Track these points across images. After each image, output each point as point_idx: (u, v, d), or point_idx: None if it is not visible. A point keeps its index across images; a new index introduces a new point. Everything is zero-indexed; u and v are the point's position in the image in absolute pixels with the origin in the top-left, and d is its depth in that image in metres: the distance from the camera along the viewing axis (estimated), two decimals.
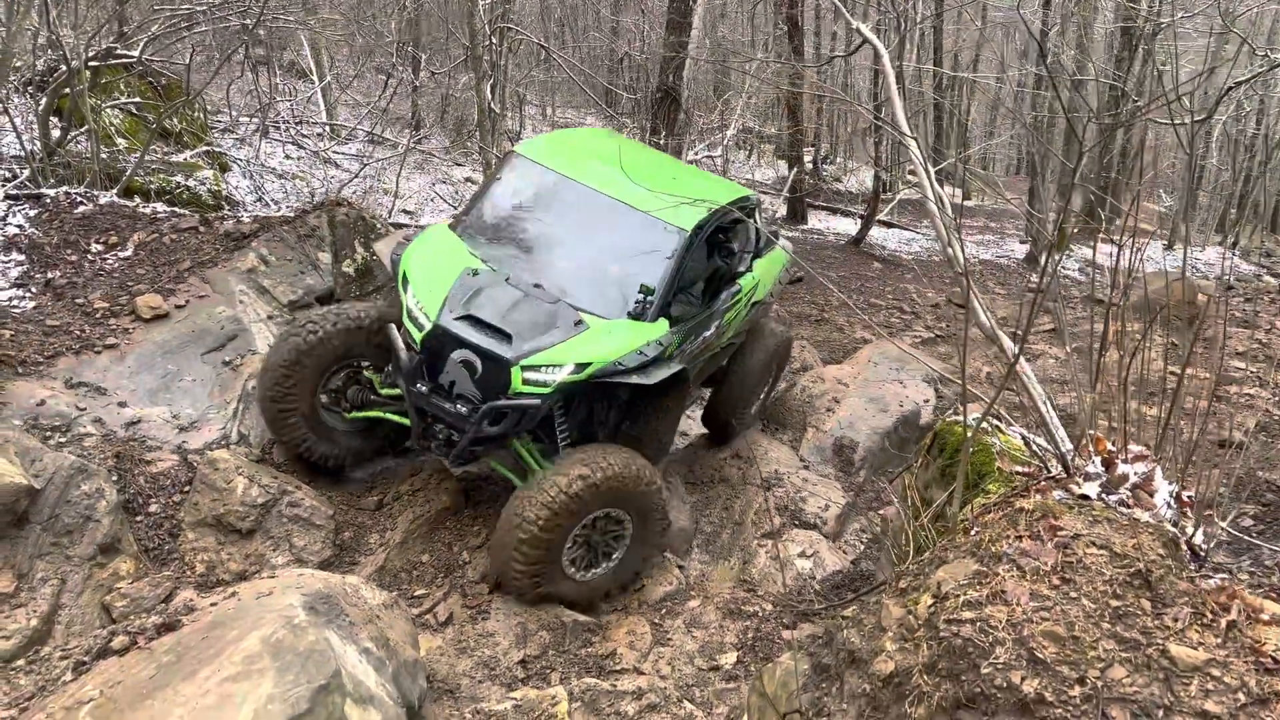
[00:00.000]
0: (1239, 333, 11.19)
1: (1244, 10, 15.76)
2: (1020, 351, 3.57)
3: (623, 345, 4.94)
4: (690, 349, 5.58)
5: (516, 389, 4.81)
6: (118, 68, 8.86)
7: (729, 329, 6.19)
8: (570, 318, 5.02)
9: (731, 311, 6.05)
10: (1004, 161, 33.89)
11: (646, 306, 5.14)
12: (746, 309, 6.40)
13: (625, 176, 5.65)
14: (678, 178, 6.26)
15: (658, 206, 5.39)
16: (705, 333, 5.74)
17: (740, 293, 6.12)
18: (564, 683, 4.45)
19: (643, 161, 6.42)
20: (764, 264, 6.66)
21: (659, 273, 5.28)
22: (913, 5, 12.10)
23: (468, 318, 4.96)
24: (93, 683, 2.85)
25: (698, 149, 14.60)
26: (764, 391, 7.36)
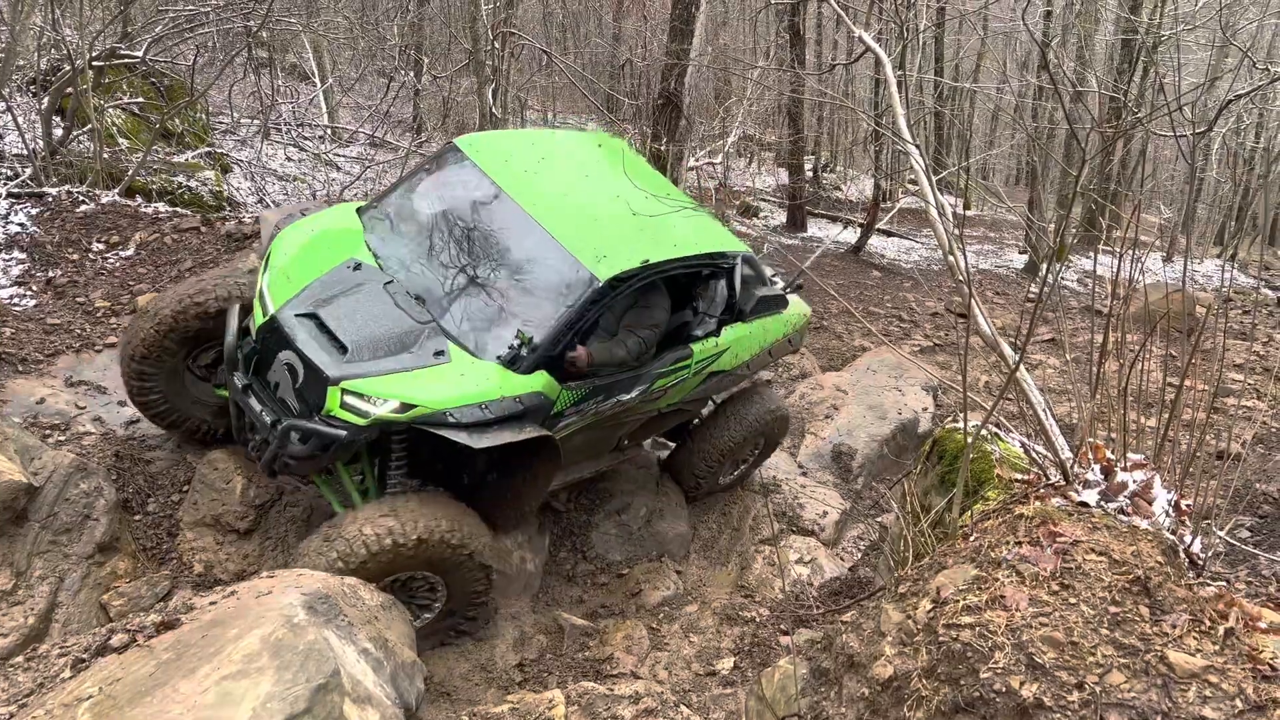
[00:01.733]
0: (1237, 345, 11.22)
1: (1245, 24, 15.84)
2: (1020, 360, 3.58)
3: (465, 394, 4.17)
4: (594, 408, 4.85)
5: (331, 411, 4.12)
6: (121, 68, 8.88)
7: (665, 396, 5.38)
8: (434, 346, 4.35)
9: (670, 378, 5.21)
10: (1004, 171, 33.96)
11: (519, 356, 4.31)
12: (699, 378, 5.50)
13: (571, 197, 5.04)
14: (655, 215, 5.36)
15: (586, 240, 4.69)
16: (623, 395, 4.95)
17: (689, 359, 5.26)
18: (561, 686, 4.44)
19: (621, 184, 5.45)
20: (745, 331, 5.64)
21: (550, 321, 4.43)
22: (915, 14, 12.13)
23: (312, 316, 4.36)
24: (92, 680, 2.85)
25: (699, 155, 14.63)
26: (737, 464, 6.50)
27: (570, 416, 4.72)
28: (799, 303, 6.32)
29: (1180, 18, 14.39)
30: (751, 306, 5.61)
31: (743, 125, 16.69)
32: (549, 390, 4.41)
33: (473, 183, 5.05)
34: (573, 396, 4.63)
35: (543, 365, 4.38)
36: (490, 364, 4.32)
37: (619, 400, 4.94)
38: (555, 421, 4.61)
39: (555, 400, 4.50)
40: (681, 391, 5.49)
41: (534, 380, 4.35)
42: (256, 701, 2.63)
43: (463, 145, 5.24)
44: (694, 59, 11.79)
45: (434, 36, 16.40)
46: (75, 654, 3.04)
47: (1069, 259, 15.18)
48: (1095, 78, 15.58)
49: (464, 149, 5.19)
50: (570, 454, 4.96)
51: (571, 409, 4.68)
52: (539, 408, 4.40)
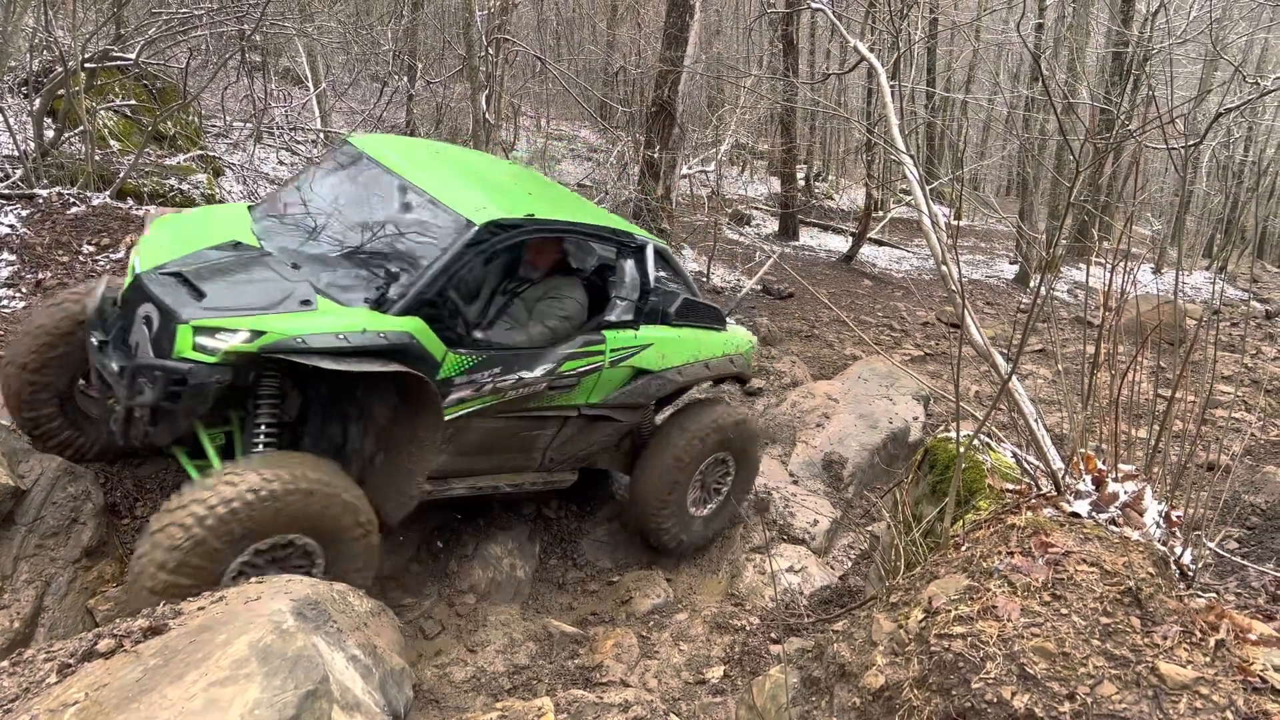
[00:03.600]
0: (1226, 357, 11.27)
1: (1235, 38, 15.96)
2: (1013, 370, 3.59)
3: (321, 326, 3.95)
4: (491, 382, 4.59)
5: (181, 352, 3.84)
6: (113, 70, 8.85)
7: (581, 388, 5.08)
8: (301, 297, 4.11)
9: (581, 362, 4.96)
10: (995, 182, 34.14)
11: (386, 296, 4.16)
12: (622, 374, 5.24)
13: (458, 172, 4.97)
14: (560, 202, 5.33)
15: (467, 196, 4.58)
16: (525, 372, 4.70)
17: (602, 345, 5.03)
18: (550, 694, 4.43)
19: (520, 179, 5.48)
20: (672, 333, 5.44)
21: (423, 264, 4.30)
22: (908, 25, 12.20)
23: (177, 275, 4.12)
24: (78, 685, 2.82)
25: (692, 163, 14.66)
26: (708, 490, 6.02)
27: (463, 388, 4.47)
28: (743, 330, 6.25)
29: (1171, 31, 14.49)
30: (677, 309, 5.46)
31: (736, 134, 16.75)
32: (424, 338, 4.18)
33: (360, 166, 5.03)
34: (463, 362, 4.41)
35: (423, 316, 4.19)
36: (358, 308, 4.14)
37: (521, 378, 4.69)
38: (445, 389, 4.39)
39: (440, 361, 4.30)
40: (603, 388, 5.20)
41: (404, 322, 4.12)
42: (244, 708, 2.61)
43: (354, 139, 5.26)
44: (688, 67, 11.82)
45: (428, 42, 16.41)
46: (61, 659, 3.01)
47: (1060, 270, 15.26)
48: (1087, 90, 15.68)
49: (354, 142, 5.21)
50: (475, 449, 4.79)
51: (462, 378, 4.44)
52: (413, 353, 4.14)
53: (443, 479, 4.77)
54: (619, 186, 12.33)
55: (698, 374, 5.70)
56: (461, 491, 4.90)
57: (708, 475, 5.91)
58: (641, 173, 12.10)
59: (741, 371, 6.11)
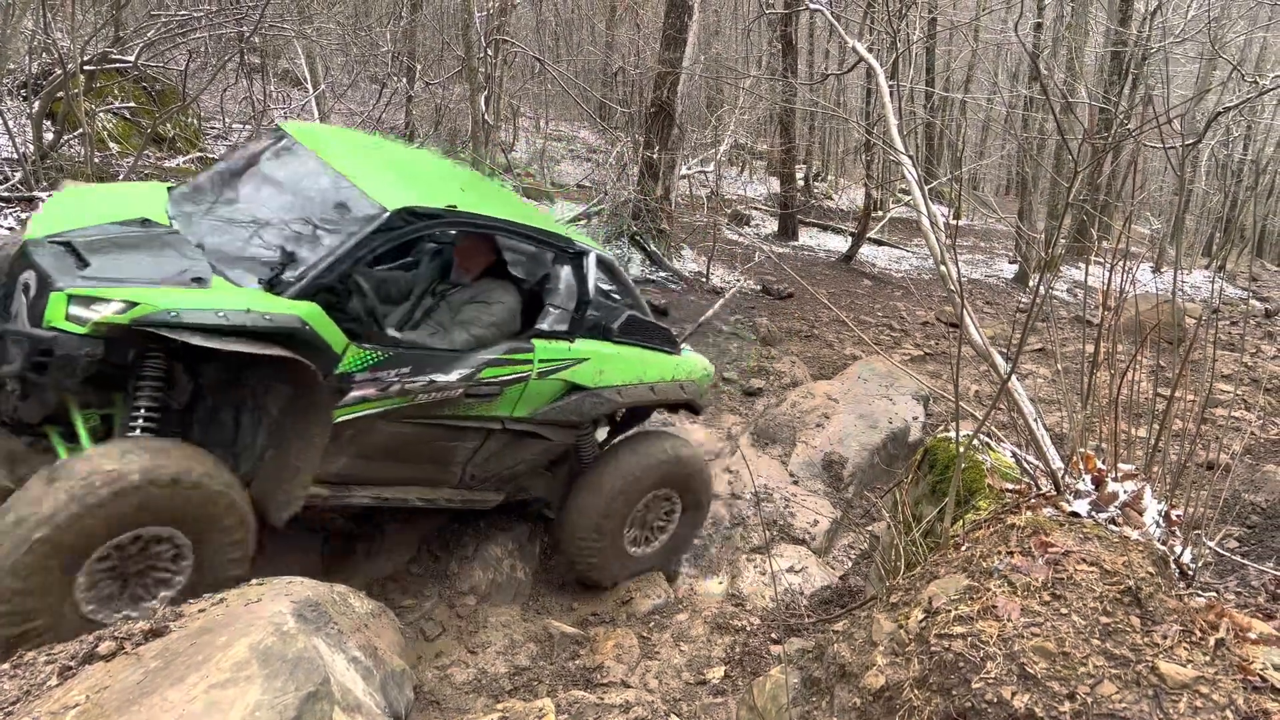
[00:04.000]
0: (1225, 356, 11.28)
1: (1233, 37, 15.97)
2: (1013, 370, 3.59)
3: (201, 302, 3.70)
4: (399, 383, 4.24)
5: (52, 322, 3.59)
6: (112, 72, 8.87)
7: (504, 399, 4.68)
8: (195, 274, 3.89)
9: (505, 371, 4.59)
10: (994, 182, 34.16)
11: (280, 278, 3.91)
12: (553, 388, 4.85)
13: (384, 161, 4.77)
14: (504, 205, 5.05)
15: (386, 183, 4.38)
16: (438, 375, 4.36)
17: (530, 354, 4.68)
18: (551, 695, 4.43)
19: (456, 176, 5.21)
20: (614, 350, 5.07)
21: (326, 247, 4.05)
22: (907, 25, 12.21)
23: (65, 244, 3.91)
24: (79, 688, 2.82)
25: (691, 164, 14.67)
26: (649, 528, 5.59)
27: (365, 385, 4.13)
28: (699, 357, 5.85)
29: (1170, 31, 14.51)
30: (621, 325, 5.09)
31: (735, 134, 16.76)
32: (319, 326, 3.86)
33: (286, 151, 4.82)
34: (367, 357, 4.09)
35: (322, 302, 3.90)
36: (251, 289, 3.88)
37: (433, 381, 4.33)
38: (345, 385, 4.06)
39: (340, 354, 3.99)
40: (531, 401, 4.80)
41: (296, 306, 3.82)
42: (245, 710, 2.61)
43: (284, 125, 5.02)
44: (687, 68, 11.84)
45: (427, 43, 16.43)
46: (63, 661, 3.02)
47: (1059, 269, 15.27)
48: (1085, 89, 15.69)
49: (284, 126, 4.99)
50: (381, 455, 4.46)
51: (365, 374, 4.11)
52: (303, 340, 3.81)
53: (343, 484, 4.43)
54: (618, 187, 12.34)
55: (640, 396, 5.28)
56: (365, 501, 4.57)
57: (649, 513, 5.49)
58: (641, 173, 12.12)
59: (693, 399, 5.66)
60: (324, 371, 3.92)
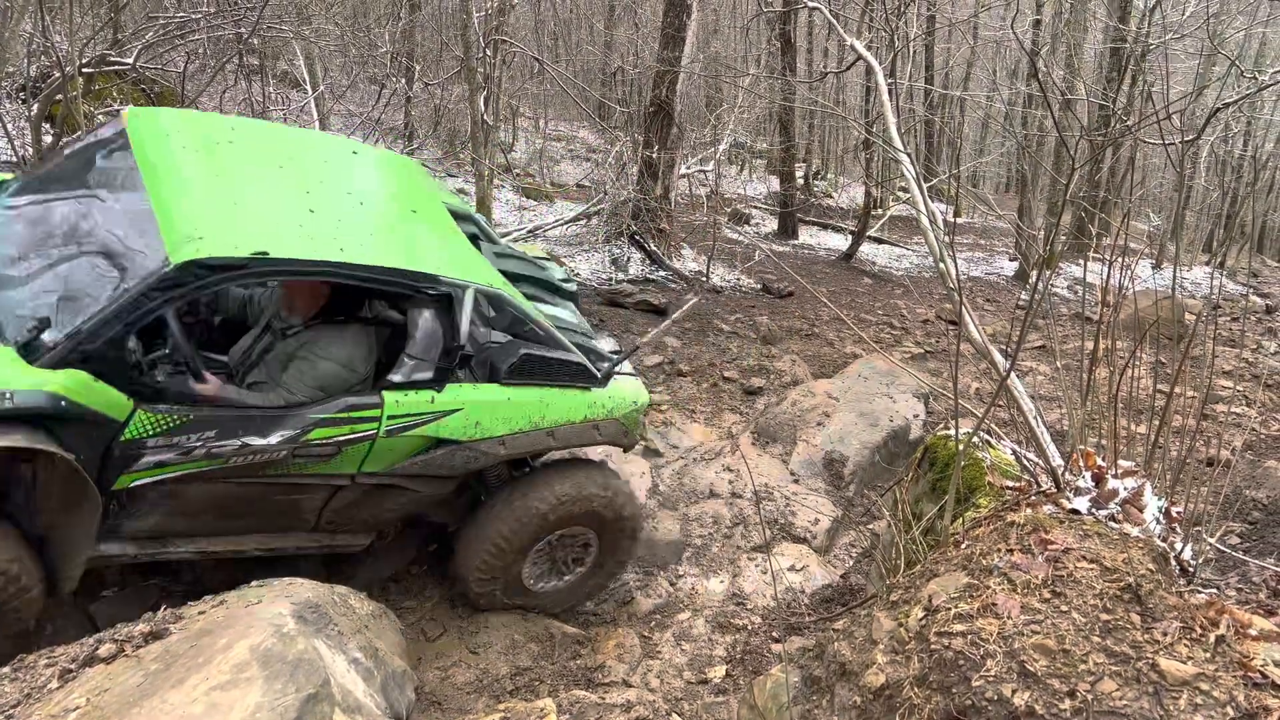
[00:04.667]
0: (1226, 352, 11.27)
1: (1232, 32, 15.95)
2: (1012, 367, 3.59)
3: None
4: (203, 448, 3.70)
5: None
6: (111, 74, 8.86)
7: (345, 458, 4.10)
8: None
9: (340, 431, 3.99)
10: (994, 179, 34.16)
11: (34, 341, 3.34)
12: (413, 444, 4.25)
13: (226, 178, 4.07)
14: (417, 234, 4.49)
15: (197, 218, 3.67)
16: (254, 438, 3.80)
17: (377, 409, 4.05)
18: (552, 695, 4.43)
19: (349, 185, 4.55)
20: (500, 395, 4.40)
21: (98, 306, 3.44)
22: (905, 22, 12.21)
23: None
24: (79, 690, 2.83)
25: (690, 163, 14.66)
26: (558, 565, 5.03)
27: (161, 451, 3.63)
28: (631, 387, 5.03)
29: (1168, 26, 14.50)
30: (513, 365, 4.41)
31: (734, 133, 16.76)
32: (86, 396, 3.36)
33: (112, 151, 4.17)
34: (159, 423, 3.58)
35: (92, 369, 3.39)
36: (8, 349, 3.36)
37: (247, 444, 3.78)
38: (133, 452, 3.58)
39: (124, 421, 3.51)
40: (382, 458, 4.22)
41: (53, 377, 3.29)
42: (246, 712, 2.62)
43: (129, 114, 4.35)
44: (685, 67, 11.83)
45: (425, 44, 16.43)
46: (63, 664, 3.02)
47: (1059, 266, 15.26)
48: (1084, 86, 15.68)
49: (127, 116, 4.31)
50: (202, 511, 4.00)
51: (159, 440, 3.61)
52: (60, 416, 3.32)
53: (158, 540, 4.00)
54: (618, 186, 12.34)
55: (534, 444, 4.61)
56: (187, 554, 4.12)
57: (558, 550, 4.96)
58: (640, 173, 12.11)
59: (612, 439, 4.93)
60: (101, 442, 3.49)
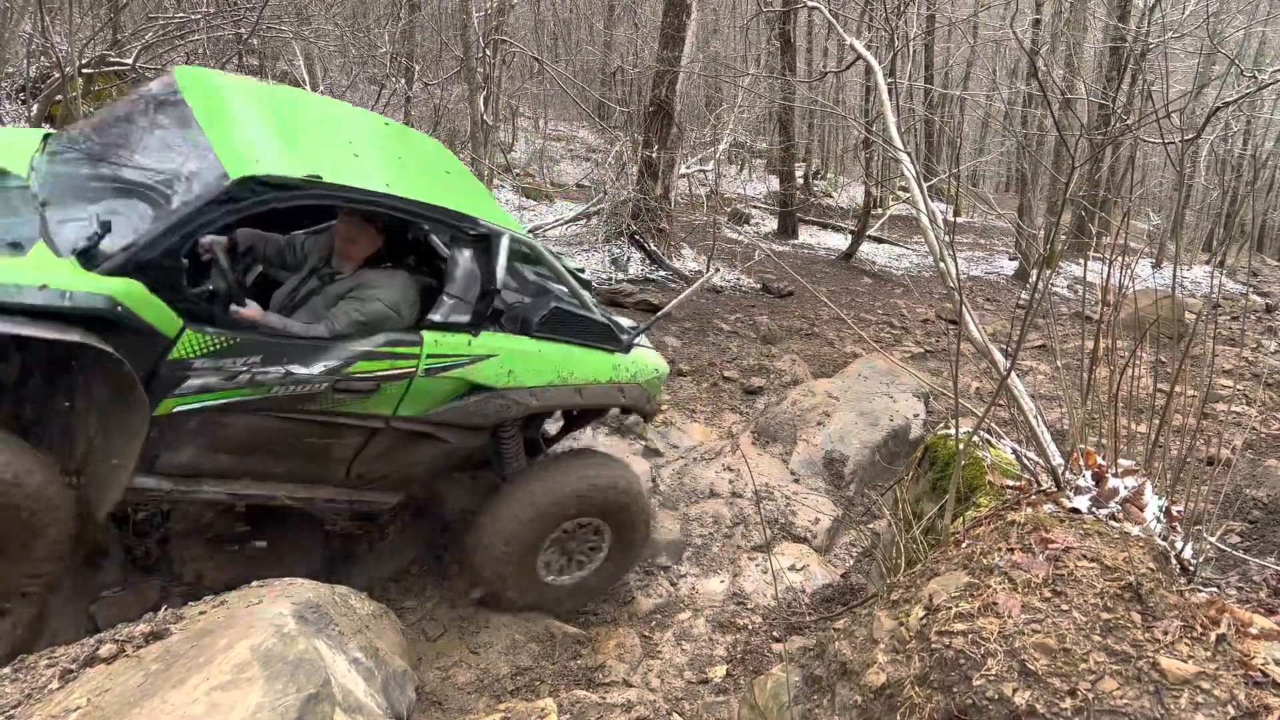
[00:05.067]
0: (1226, 350, 11.27)
1: (1232, 31, 15.95)
2: (1012, 366, 3.59)
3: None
4: (247, 373, 3.74)
5: None
6: (111, 75, 8.86)
7: (383, 396, 4.14)
8: (14, 238, 3.53)
9: (380, 363, 4.03)
10: (994, 178, 34.15)
11: (93, 249, 3.40)
12: (448, 386, 4.29)
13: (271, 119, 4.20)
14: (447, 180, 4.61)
15: (249, 147, 3.79)
16: (297, 366, 3.84)
17: (417, 347, 4.11)
18: (553, 695, 4.43)
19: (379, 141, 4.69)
20: (532, 347, 4.47)
21: (157, 219, 3.55)
22: (905, 22, 12.21)
23: None
24: (80, 691, 2.83)
25: (690, 163, 14.67)
26: (570, 556, 5.02)
27: (205, 374, 3.66)
28: (652, 356, 5.19)
29: (1168, 25, 14.50)
30: (543, 318, 4.49)
31: (734, 132, 16.76)
32: (140, 306, 3.41)
33: (166, 101, 4.28)
34: (207, 343, 3.61)
35: (146, 280, 3.43)
36: (65, 259, 3.43)
37: (290, 373, 3.83)
38: (180, 373, 3.61)
39: (173, 338, 3.54)
40: (419, 400, 4.26)
41: (110, 284, 3.34)
42: (246, 712, 2.62)
43: (178, 71, 4.46)
44: (685, 66, 11.83)
45: (425, 44, 16.43)
46: (64, 664, 3.02)
47: (1059, 265, 15.27)
48: (1084, 85, 15.68)
49: (176, 74, 4.43)
50: (237, 449, 4.03)
51: (205, 361, 3.64)
52: (116, 322, 3.36)
53: (191, 477, 4.00)
54: (618, 186, 12.34)
55: (563, 399, 4.70)
56: (219, 496, 4.14)
57: (571, 540, 4.95)
58: (640, 172, 12.12)
59: (635, 404, 5.01)
60: (150, 358, 3.52)
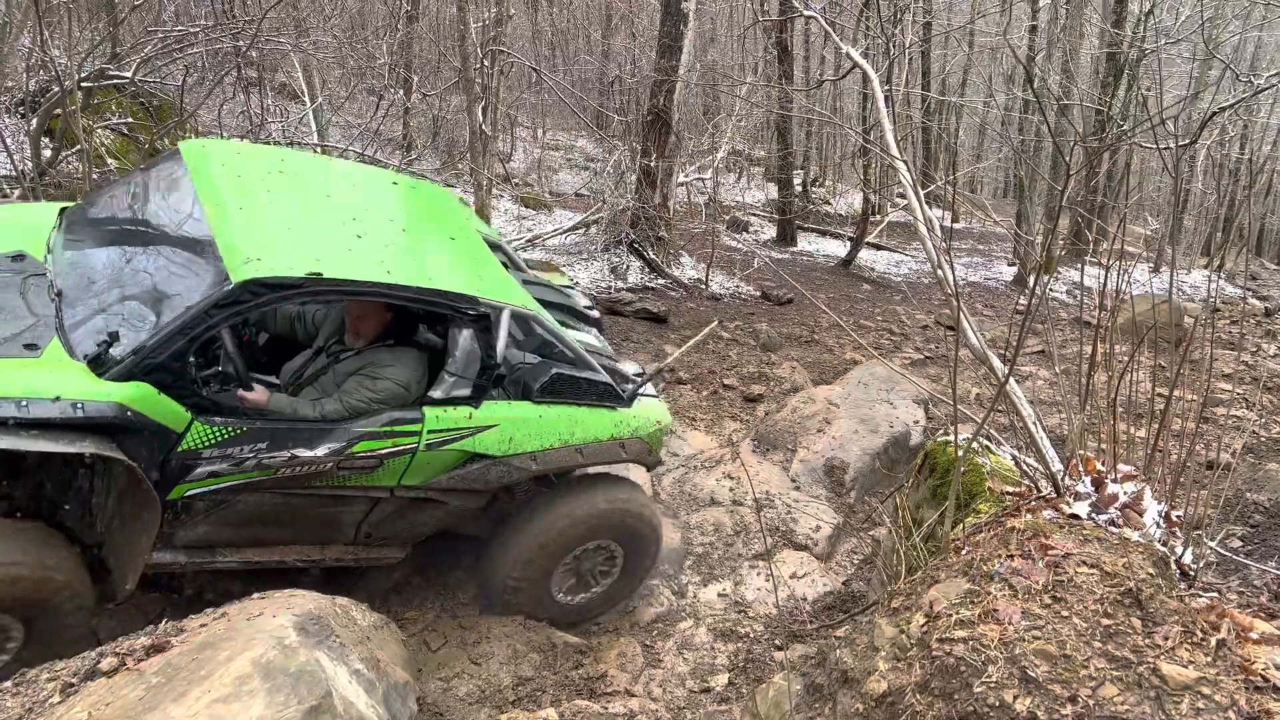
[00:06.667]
0: (1225, 355, 11.27)
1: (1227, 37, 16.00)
2: (1010, 372, 3.60)
3: (7, 385, 3.40)
4: (254, 458, 3.90)
5: None
6: (110, 88, 8.89)
7: (385, 470, 4.31)
8: (32, 339, 3.68)
9: (383, 444, 4.20)
10: (991, 185, 34.20)
11: (104, 356, 3.55)
12: (449, 458, 4.45)
13: (276, 203, 4.33)
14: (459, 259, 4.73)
15: (252, 241, 3.88)
16: (302, 449, 4.00)
17: (417, 424, 4.26)
18: (555, 705, 4.43)
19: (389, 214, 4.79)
20: (532, 413, 4.61)
21: (162, 321, 3.67)
22: (901, 30, 12.25)
23: None
24: (81, 705, 2.83)
25: (688, 171, 14.70)
26: (583, 578, 5.17)
27: (215, 461, 3.83)
28: (655, 408, 5.28)
29: (1164, 32, 14.54)
30: (544, 384, 4.63)
31: (732, 141, 16.80)
32: (149, 407, 3.58)
33: (174, 179, 4.44)
34: (215, 434, 3.78)
35: (155, 381, 3.59)
36: (78, 364, 3.59)
37: (295, 456, 4.00)
38: (190, 462, 3.78)
39: (181, 432, 3.70)
40: (421, 472, 4.42)
41: (119, 390, 3.51)
42: None
43: (184, 147, 4.62)
44: (683, 75, 11.86)
45: (423, 54, 16.48)
46: (64, 678, 3.02)
47: (1057, 271, 15.29)
48: (1078, 91, 15.72)
49: (182, 149, 4.59)
50: (249, 522, 4.20)
51: (214, 450, 3.80)
52: (125, 427, 3.54)
53: (206, 549, 4.19)
54: (616, 195, 12.37)
55: (564, 461, 4.81)
56: (232, 564, 4.31)
57: (584, 562, 5.10)
58: (638, 181, 12.15)
59: (636, 458, 5.16)
60: (161, 452, 3.69)
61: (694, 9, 11.92)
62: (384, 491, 4.42)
